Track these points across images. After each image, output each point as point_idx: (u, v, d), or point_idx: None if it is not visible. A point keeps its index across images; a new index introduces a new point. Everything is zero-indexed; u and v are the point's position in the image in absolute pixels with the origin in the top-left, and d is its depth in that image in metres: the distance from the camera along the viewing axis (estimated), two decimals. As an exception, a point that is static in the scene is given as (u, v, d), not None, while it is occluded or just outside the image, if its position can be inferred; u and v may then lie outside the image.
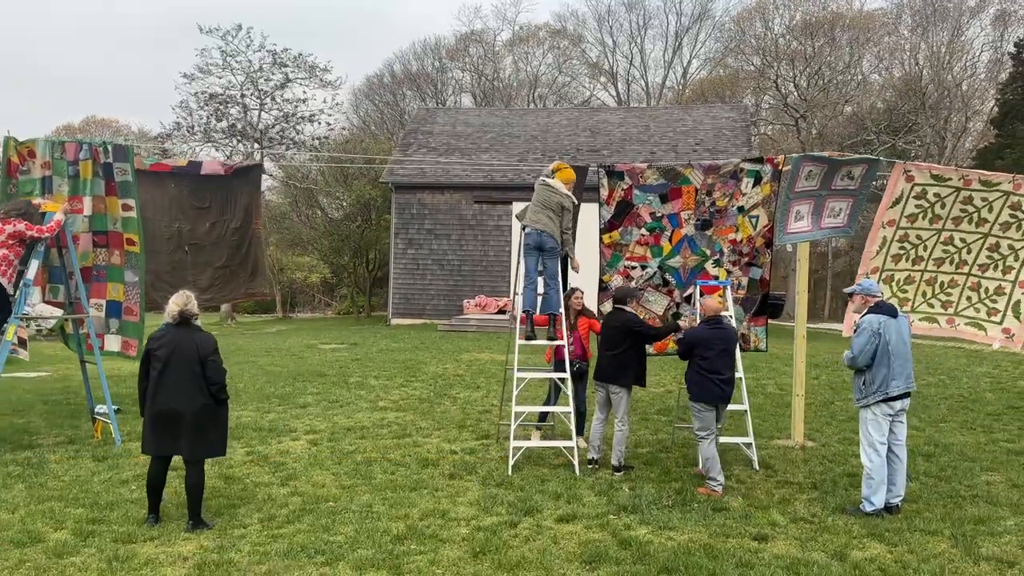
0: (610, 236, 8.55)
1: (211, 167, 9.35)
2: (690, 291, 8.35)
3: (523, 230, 8.00)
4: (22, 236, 7.55)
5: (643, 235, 8.45)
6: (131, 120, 61.74)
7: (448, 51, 49.65)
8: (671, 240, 8.44)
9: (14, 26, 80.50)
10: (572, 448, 7.34)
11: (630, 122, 28.83)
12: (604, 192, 8.46)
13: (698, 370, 6.76)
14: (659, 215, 8.39)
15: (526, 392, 11.33)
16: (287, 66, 33.25)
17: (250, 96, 33.18)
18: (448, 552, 5.20)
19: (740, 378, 7.77)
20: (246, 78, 32.89)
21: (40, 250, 7.74)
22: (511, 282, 22.28)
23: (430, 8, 74.62)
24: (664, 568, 4.92)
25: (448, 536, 5.49)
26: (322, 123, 34.51)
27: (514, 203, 23.22)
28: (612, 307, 7.56)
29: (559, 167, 8.21)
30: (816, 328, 25.94)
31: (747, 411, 7.66)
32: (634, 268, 8.56)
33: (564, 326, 7.86)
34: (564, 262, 8.40)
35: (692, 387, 6.82)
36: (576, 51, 49.74)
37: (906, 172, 8.15)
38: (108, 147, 8.21)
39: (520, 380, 7.71)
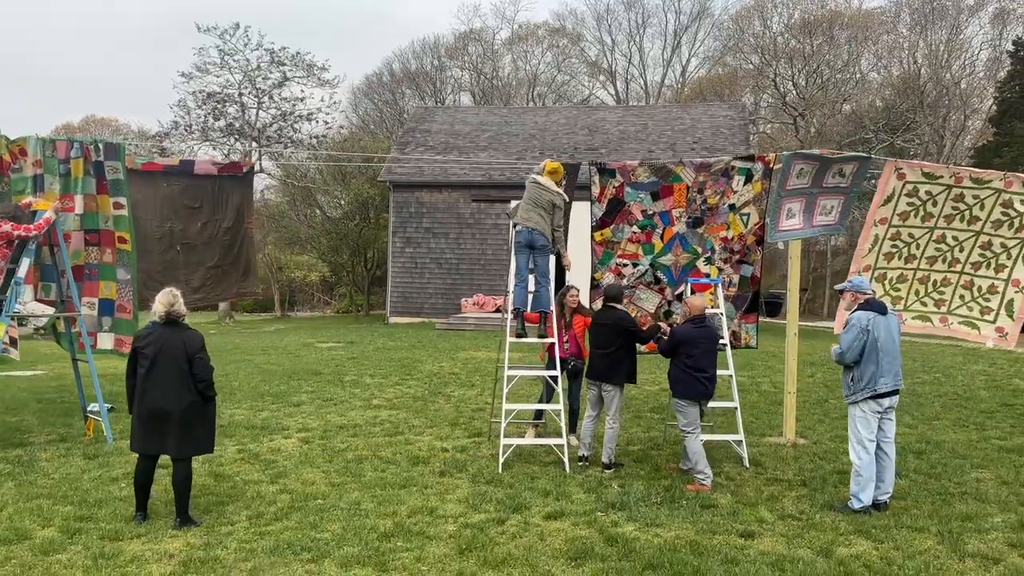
0: (601, 234, 8.55)
1: (203, 167, 9.36)
2: (681, 289, 8.35)
3: (514, 228, 8.01)
4: (9, 237, 7.57)
5: (635, 233, 8.46)
6: (130, 119, 61.75)
7: (447, 50, 49.64)
8: (663, 238, 8.45)
9: (14, 26, 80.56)
10: (562, 445, 7.34)
11: (628, 121, 28.82)
12: (595, 190, 8.46)
13: (683, 368, 6.80)
14: (650, 213, 8.40)
15: (522, 391, 11.34)
16: (285, 65, 33.24)
17: (248, 95, 33.17)
18: (434, 549, 5.20)
19: (731, 376, 7.79)
20: (244, 77, 32.88)
21: (31, 248, 7.74)
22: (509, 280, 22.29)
23: (431, 8, 74.64)
24: (649, 565, 4.93)
25: (435, 533, 5.50)
26: (320, 122, 34.52)
27: (512, 201, 23.25)
28: (603, 305, 7.55)
29: (549, 165, 8.21)
30: (815, 326, 25.94)
31: (737, 408, 7.67)
32: (626, 266, 8.57)
33: (555, 324, 7.86)
34: (560, 260, 8.42)
35: (676, 385, 6.87)
36: (575, 50, 49.74)
37: (897, 170, 8.16)
38: (99, 145, 8.22)
39: (511, 378, 7.72)
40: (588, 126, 28.37)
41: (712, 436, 7.80)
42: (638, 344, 7.54)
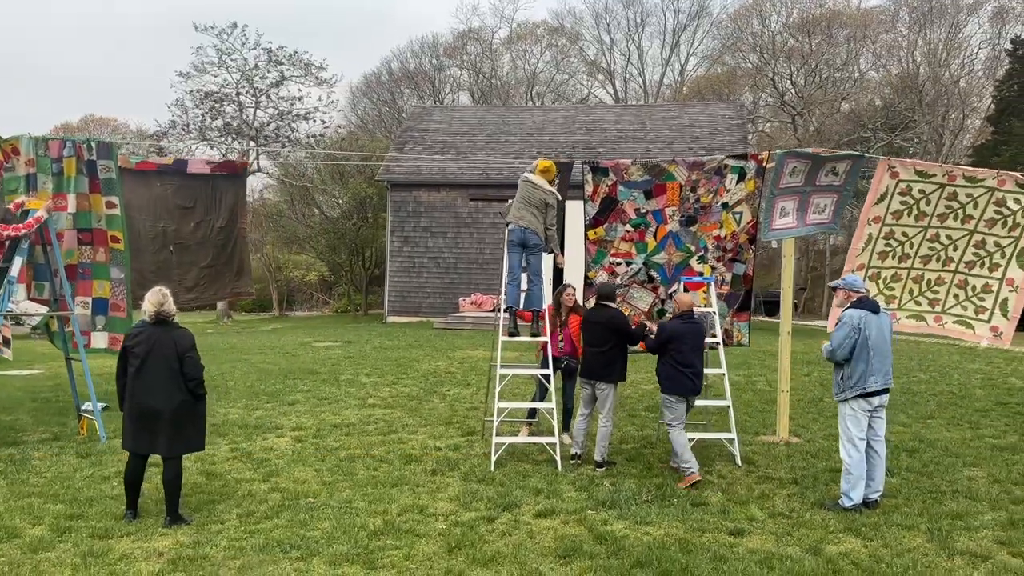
0: (595, 232, 8.56)
1: (196, 166, 9.36)
2: (675, 287, 8.35)
3: (507, 226, 8.01)
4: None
5: (628, 231, 8.46)
6: (130, 119, 61.72)
7: (446, 49, 49.63)
8: (656, 236, 8.46)
9: (14, 26, 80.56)
10: (555, 444, 7.34)
11: (626, 120, 28.81)
12: (589, 188, 8.47)
13: (672, 364, 6.89)
14: (644, 211, 8.40)
15: (518, 389, 11.34)
16: (282, 64, 33.23)
17: (245, 94, 33.16)
18: (423, 547, 5.21)
19: (723, 374, 7.80)
20: (241, 76, 32.88)
21: (24, 247, 7.75)
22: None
23: (430, 7, 74.60)
24: (637, 562, 4.93)
25: (425, 531, 5.50)
26: (317, 121, 34.52)
27: (508, 201, 23.25)
28: (595, 303, 7.55)
29: (542, 164, 8.21)
30: (812, 325, 25.92)
31: (730, 407, 7.67)
32: (619, 264, 8.58)
33: (547, 322, 7.86)
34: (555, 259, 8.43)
35: (665, 380, 6.97)
36: (574, 49, 49.71)
37: (890, 168, 8.16)
38: (92, 144, 8.22)
39: (503, 376, 7.72)
40: (586, 125, 28.37)
41: (705, 434, 7.80)
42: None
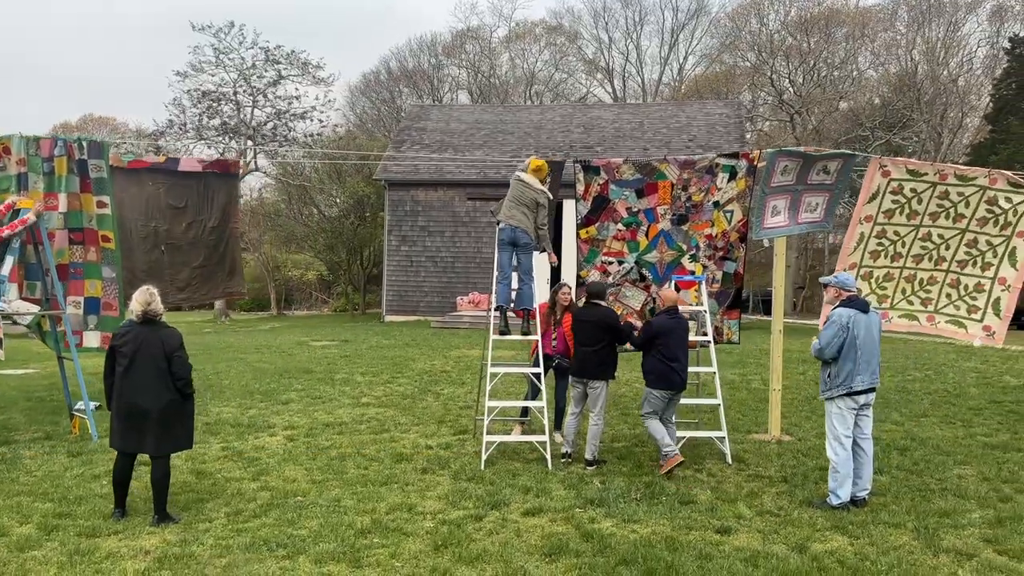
0: (587, 231, 8.57)
1: (188, 163, 9.36)
2: (667, 286, 8.34)
3: (497, 225, 8.01)
4: None
5: (620, 230, 8.47)
6: (129, 118, 61.76)
7: (444, 48, 49.64)
8: (647, 235, 8.46)
9: (14, 26, 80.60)
10: (544, 443, 7.35)
11: (624, 118, 28.81)
12: (580, 187, 8.48)
13: (660, 359, 6.96)
14: (635, 210, 8.41)
15: (512, 388, 11.35)
16: (280, 63, 33.22)
17: (243, 93, 33.16)
18: (410, 545, 5.21)
19: (714, 373, 7.80)
20: (239, 75, 32.88)
21: (15, 247, 7.75)
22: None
23: (431, 6, 74.63)
24: (623, 560, 4.94)
25: (412, 530, 5.50)
26: (314, 120, 34.52)
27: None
28: (586, 302, 7.55)
29: (534, 163, 8.21)
30: (811, 324, 25.91)
31: (720, 405, 7.67)
32: (611, 263, 8.59)
33: (538, 321, 7.87)
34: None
35: (651, 375, 7.03)
36: (572, 48, 49.72)
37: (882, 167, 8.16)
38: (83, 144, 8.22)
39: (494, 375, 7.72)
40: (583, 124, 28.37)
41: (696, 432, 7.81)
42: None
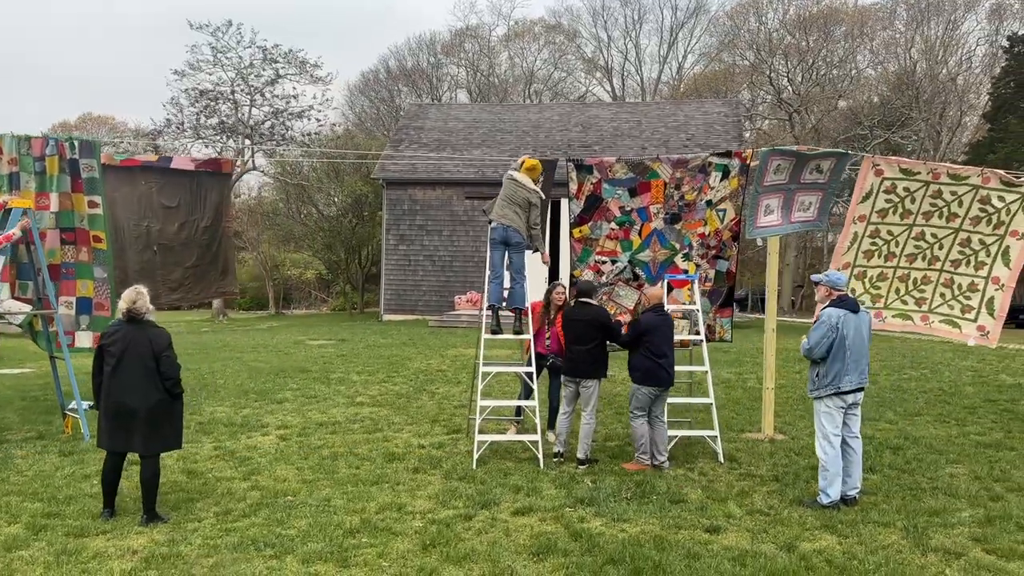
0: (580, 230, 8.56)
1: (181, 161, 9.35)
2: (660, 285, 8.33)
3: (489, 224, 8.01)
4: None
5: (613, 229, 8.46)
6: (128, 118, 61.78)
7: (443, 46, 49.64)
8: (640, 234, 8.45)
9: (14, 26, 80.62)
10: (536, 442, 7.34)
11: (622, 117, 28.81)
12: (573, 186, 8.47)
13: (648, 356, 7.00)
14: (628, 209, 8.40)
15: (507, 387, 11.35)
16: (277, 62, 33.20)
17: (240, 92, 33.15)
18: (398, 545, 5.21)
19: (706, 372, 7.79)
20: (236, 74, 32.87)
21: (7, 246, 7.74)
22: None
23: (430, 5, 74.59)
24: (610, 560, 4.93)
25: (401, 529, 5.50)
26: (312, 119, 34.50)
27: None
28: (576, 301, 7.53)
29: (528, 162, 8.20)
30: (809, 323, 25.89)
31: (712, 404, 7.67)
32: (604, 263, 8.57)
33: (530, 320, 7.86)
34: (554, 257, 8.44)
35: (638, 373, 7.07)
36: (571, 46, 49.73)
37: (875, 166, 8.15)
38: (74, 143, 8.21)
39: (486, 374, 7.71)
40: (582, 123, 28.36)
41: (688, 432, 7.80)
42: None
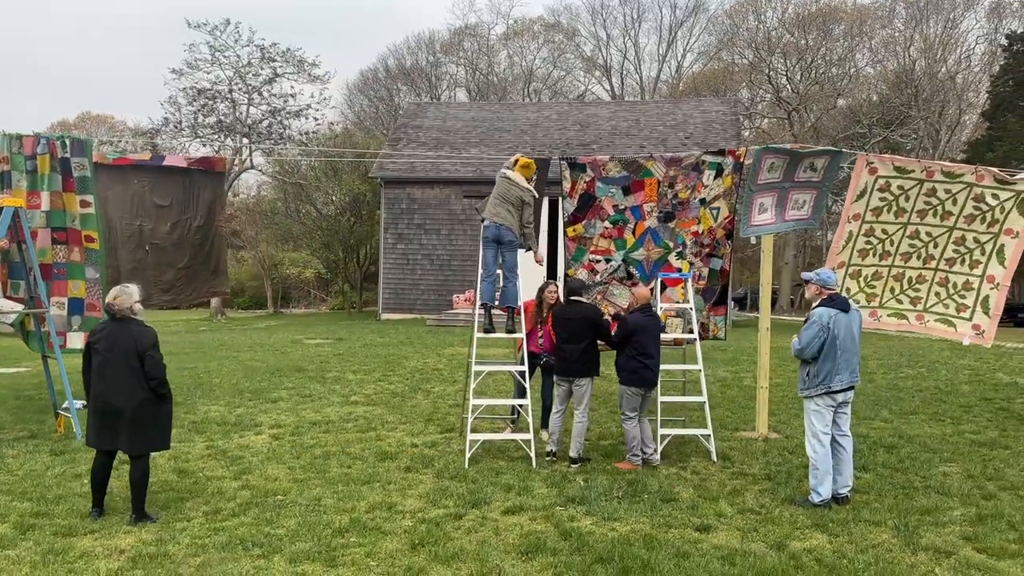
0: (574, 229, 8.54)
1: (173, 159, 9.33)
2: (653, 284, 8.32)
3: (482, 222, 7.99)
4: None
5: (606, 228, 8.45)
6: (128, 117, 61.76)
7: (442, 45, 49.60)
8: (634, 233, 8.44)
9: (14, 26, 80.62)
10: (529, 441, 7.32)
11: (620, 116, 28.77)
12: (567, 185, 8.45)
13: (634, 356, 7.01)
14: (622, 207, 8.38)
15: (503, 386, 11.33)
16: (275, 61, 33.18)
17: (238, 91, 33.12)
18: (387, 544, 5.19)
19: (700, 371, 7.78)
20: (234, 73, 32.84)
21: (-2, 245, 7.74)
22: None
23: (429, 5, 74.53)
24: (599, 559, 4.91)
25: (390, 529, 5.48)
26: (310, 118, 34.47)
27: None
28: (567, 299, 7.50)
29: (522, 160, 8.18)
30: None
31: (705, 403, 7.65)
32: (599, 261, 8.56)
33: (523, 319, 7.85)
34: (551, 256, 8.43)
35: (625, 373, 7.08)
36: (570, 45, 49.69)
37: (869, 164, 8.12)
38: (66, 142, 8.18)
39: (479, 373, 7.69)
40: (580, 122, 28.33)
41: (681, 430, 7.78)
42: None
